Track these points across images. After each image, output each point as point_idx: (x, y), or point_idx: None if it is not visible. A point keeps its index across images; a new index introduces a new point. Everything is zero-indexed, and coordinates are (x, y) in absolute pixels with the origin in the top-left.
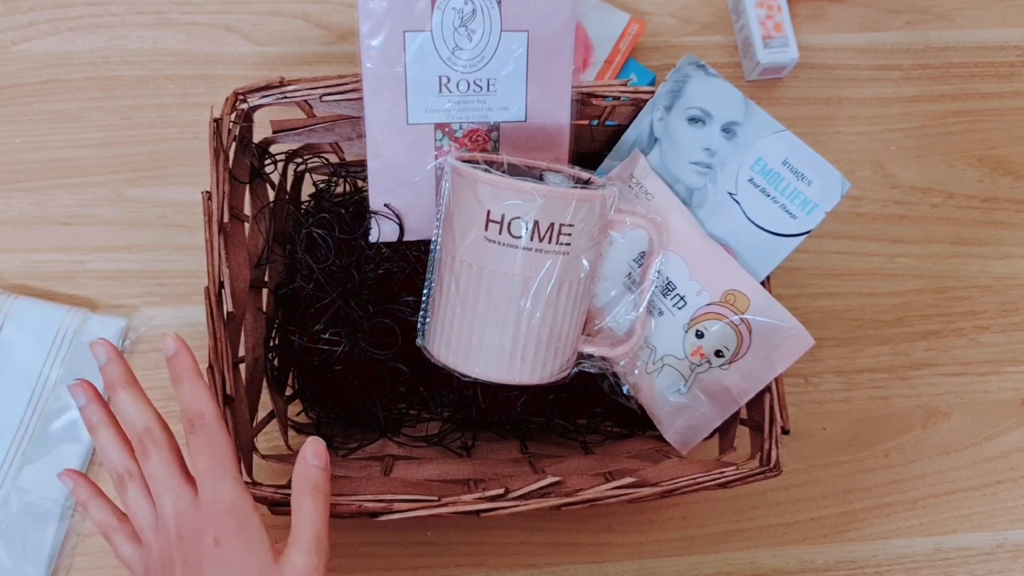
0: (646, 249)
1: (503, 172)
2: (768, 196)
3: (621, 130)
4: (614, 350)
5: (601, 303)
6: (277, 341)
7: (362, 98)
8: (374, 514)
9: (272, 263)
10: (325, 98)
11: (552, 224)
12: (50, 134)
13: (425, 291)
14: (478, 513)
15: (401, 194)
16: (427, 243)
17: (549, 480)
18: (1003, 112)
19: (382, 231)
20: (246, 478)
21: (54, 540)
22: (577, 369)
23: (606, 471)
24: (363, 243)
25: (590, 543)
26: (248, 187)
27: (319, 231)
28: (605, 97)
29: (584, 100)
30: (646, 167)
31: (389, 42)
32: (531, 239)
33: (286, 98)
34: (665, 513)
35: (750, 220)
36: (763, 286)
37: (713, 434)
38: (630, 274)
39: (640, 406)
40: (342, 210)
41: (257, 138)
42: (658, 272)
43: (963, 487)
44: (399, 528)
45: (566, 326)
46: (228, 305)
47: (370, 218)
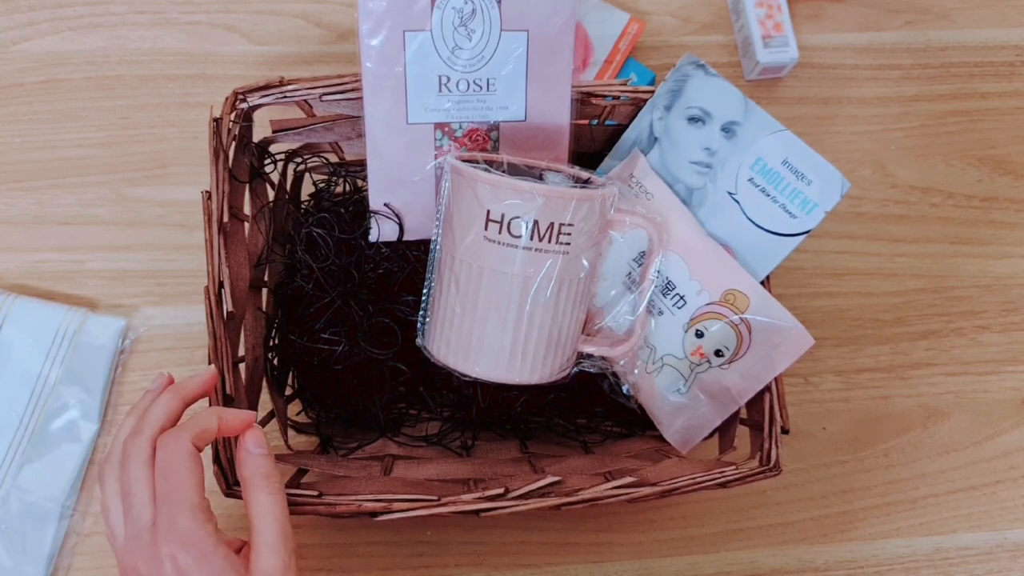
0: (646, 249)
1: (503, 172)
2: (768, 196)
3: (621, 130)
4: (614, 350)
5: (601, 303)
6: (277, 341)
7: (362, 98)
8: (374, 514)
9: (272, 263)
10: (325, 98)
11: (552, 224)
12: (50, 134)
13: (425, 291)
14: (478, 513)
15: (401, 194)
16: (427, 243)
17: (549, 480)
18: (1003, 112)
19: (382, 231)
20: None
21: (54, 540)
22: (577, 369)
23: (606, 471)
24: (363, 243)
25: (590, 543)
26: (248, 187)
27: (319, 231)
28: (605, 97)
29: (584, 100)
30: (646, 167)
31: (389, 42)
32: (531, 239)
33: (286, 98)
34: (665, 513)
35: (750, 220)
36: (763, 286)
37: (713, 434)
38: (630, 274)
39: (640, 406)
40: (342, 210)
41: (257, 138)
42: (658, 272)
43: (963, 487)
44: (399, 528)
45: (566, 326)
46: (228, 305)
47: (370, 218)
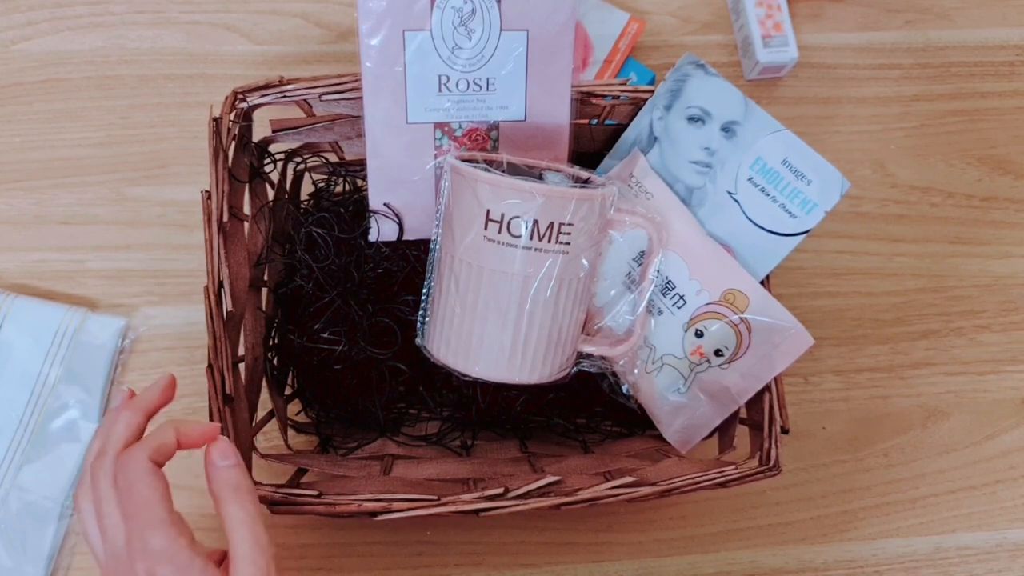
0: (646, 248)
1: (503, 171)
2: (768, 195)
3: (621, 129)
4: (614, 349)
5: (601, 302)
6: (277, 340)
7: (361, 97)
8: (373, 513)
9: (272, 262)
10: (324, 97)
11: (552, 223)
12: (49, 133)
13: (425, 290)
14: (477, 512)
15: (400, 193)
16: (427, 242)
17: (548, 479)
18: (1002, 111)
19: (381, 230)
20: None
21: (53, 540)
22: (577, 368)
23: (605, 470)
24: (362, 242)
25: (589, 542)
26: (248, 186)
27: (318, 230)
28: (605, 96)
29: (584, 99)
30: (646, 166)
31: (389, 41)
32: (531, 238)
33: (285, 97)
34: (664, 512)
35: (750, 219)
36: (763, 285)
37: (712, 433)
38: (630, 273)
39: (639, 405)
40: (341, 209)
41: (256, 137)
42: (658, 271)
43: (962, 486)
44: (398, 527)
45: (566, 325)
46: (228, 304)
47: (369, 217)
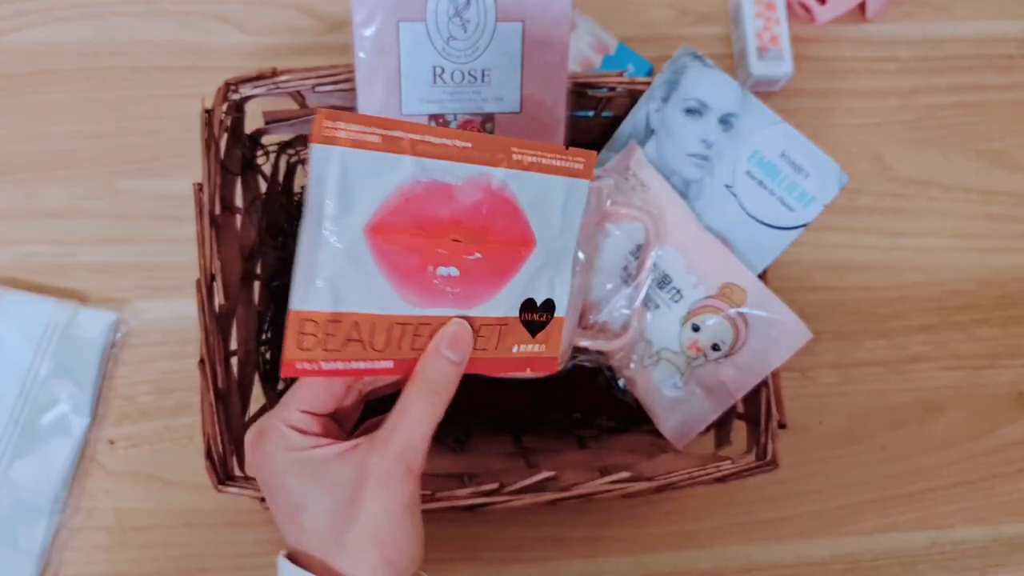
0: (642, 242)
1: None
2: (765, 188)
3: (617, 121)
4: (610, 344)
5: (597, 296)
6: (269, 335)
7: (355, 89)
8: None
9: (264, 255)
10: (318, 88)
11: None
12: (40, 125)
13: None
14: (472, 508)
15: None
16: None
17: (543, 475)
18: (1001, 105)
19: None
20: (238, 472)
21: (45, 534)
22: (572, 363)
23: (601, 466)
24: None
25: (585, 538)
26: (240, 179)
27: None
28: (601, 88)
29: (580, 91)
30: (642, 159)
31: (382, 32)
32: None
33: (278, 88)
34: (660, 508)
35: (747, 213)
36: (760, 279)
37: (709, 428)
38: (626, 267)
39: (635, 400)
40: None
41: (249, 129)
42: (654, 265)
43: (959, 481)
44: None
45: None
46: (220, 298)
47: None
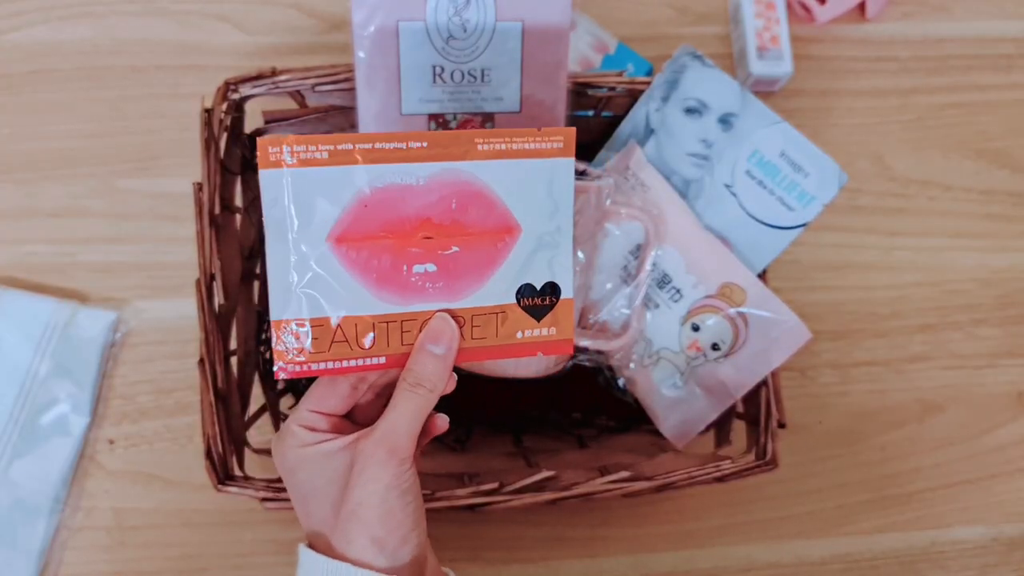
0: (642, 241)
1: None
2: (765, 188)
3: (617, 121)
4: (610, 344)
5: (596, 296)
6: (269, 334)
7: (355, 88)
8: None
9: (264, 255)
10: (317, 88)
11: None
12: (39, 125)
13: None
14: (472, 508)
15: None
16: None
17: (544, 474)
18: (1001, 104)
19: None
20: (238, 472)
21: (44, 534)
22: (572, 363)
23: (601, 465)
24: None
25: (585, 537)
26: (240, 178)
27: None
28: (600, 88)
29: (579, 91)
30: (642, 158)
31: (382, 31)
32: None
33: (278, 88)
34: (660, 507)
35: (747, 212)
36: (760, 279)
37: (709, 428)
38: (626, 267)
39: (635, 400)
40: None
41: (249, 128)
42: (654, 265)
43: (958, 481)
44: None
45: None
46: (219, 298)
47: None
